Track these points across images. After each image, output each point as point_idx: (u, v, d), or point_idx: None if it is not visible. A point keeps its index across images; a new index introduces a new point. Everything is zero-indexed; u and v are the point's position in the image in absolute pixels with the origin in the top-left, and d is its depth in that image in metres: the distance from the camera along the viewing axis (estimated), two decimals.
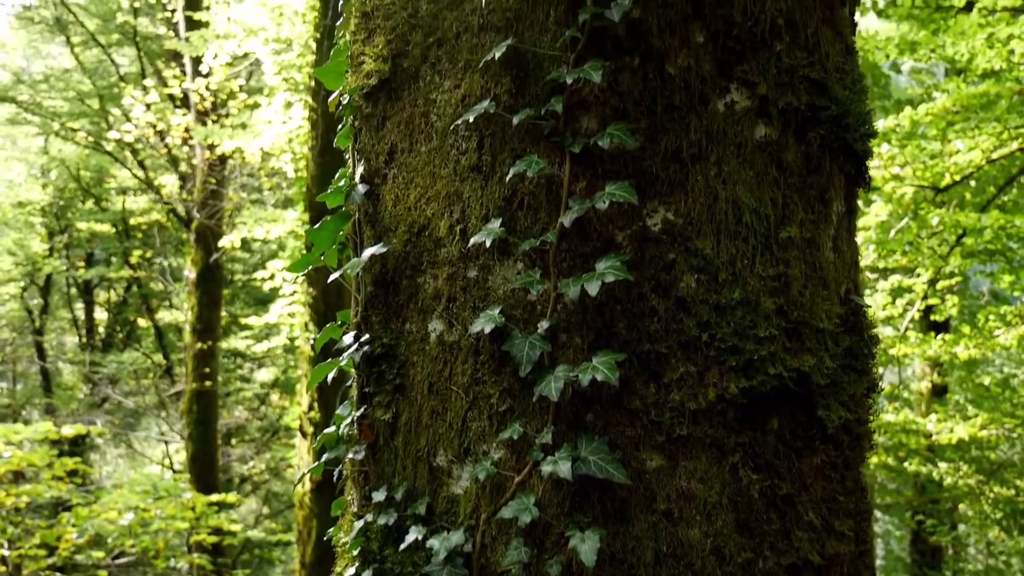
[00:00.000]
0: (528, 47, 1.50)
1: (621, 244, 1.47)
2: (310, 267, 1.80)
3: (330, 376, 1.75)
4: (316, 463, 1.80)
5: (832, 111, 1.56)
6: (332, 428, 1.73)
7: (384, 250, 1.62)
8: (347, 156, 1.78)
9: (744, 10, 1.50)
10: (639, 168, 1.47)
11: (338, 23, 1.88)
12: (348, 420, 1.69)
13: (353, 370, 1.69)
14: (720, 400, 1.44)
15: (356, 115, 1.73)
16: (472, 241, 1.51)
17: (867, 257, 8.57)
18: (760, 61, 1.51)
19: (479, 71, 1.54)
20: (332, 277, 1.70)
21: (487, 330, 1.48)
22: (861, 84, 1.64)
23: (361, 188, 1.67)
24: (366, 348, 1.65)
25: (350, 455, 1.66)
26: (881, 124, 8.12)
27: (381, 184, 1.67)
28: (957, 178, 8.31)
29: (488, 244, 1.48)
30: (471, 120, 1.50)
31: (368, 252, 1.63)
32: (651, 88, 1.48)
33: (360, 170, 1.71)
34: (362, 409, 1.65)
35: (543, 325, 1.47)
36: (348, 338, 1.70)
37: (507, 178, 1.49)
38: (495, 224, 1.50)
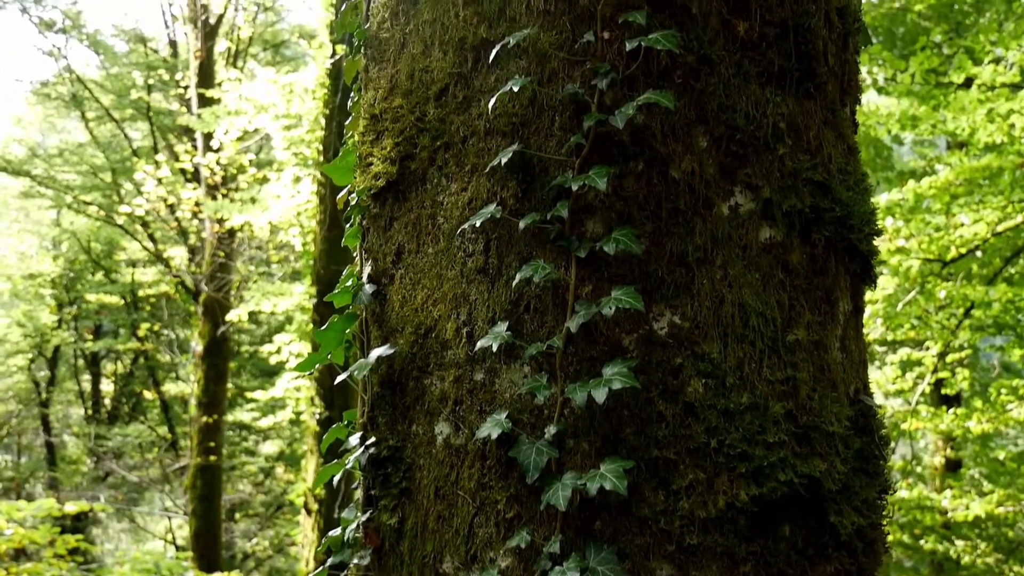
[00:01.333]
0: (534, 152, 1.52)
1: (628, 348, 1.46)
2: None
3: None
4: (321, 559, 1.77)
5: (836, 212, 1.56)
6: (337, 531, 1.70)
7: (391, 351, 1.62)
8: (355, 255, 1.78)
9: (746, 115, 1.52)
10: (645, 272, 1.48)
11: (347, 122, 1.91)
12: (354, 524, 1.66)
13: (359, 472, 1.67)
14: (730, 508, 1.41)
15: (364, 215, 1.74)
16: (479, 345, 1.50)
17: (875, 331, 8.54)
18: (763, 165, 1.53)
19: (486, 175, 1.55)
20: (339, 379, 1.69)
21: (494, 435, 1.46)
22: (865, 184, 1.65)
23: (368, 288, 1.68)
24: (372, 450, 1.63)
25: (355, 560, 1.63)
26: (885, 197, 8.18)
27: (388, 284, 1.67)
28: (963, 251, 8.32)
29: (495, 348, 1.47)
30: (477, 224, 1.51)
31: (375, 353, 1.63)
32: (656, 192, 1.49)
33: (368, 270, 1.72)
34: (368, 513, 1.62)
35: (550, 430, 1.45)
36: (354, 439, 1.69)
37: (513, 282, 1.49)
38: (501, 327, 1.49)
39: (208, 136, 12.07)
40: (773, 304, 1.50)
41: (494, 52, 1.54)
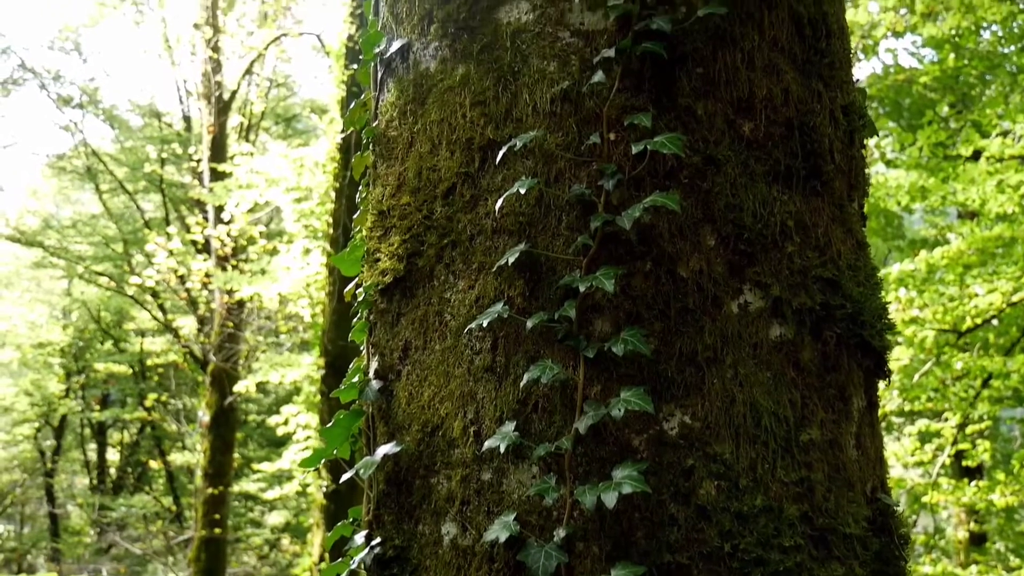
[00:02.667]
0: (541, 252, 1.52)
1: (638, 449, 1.44)
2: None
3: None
4: None
5: (847, 309, 1.55)
6: None
7: (397, 449, 1.60)
8: (362, 350, 1.78)
9: (754, 214, 1.52)
10: (654, 371, 1.46)
11: (355, 216, 1.92)
12: None
13: (364, 572, 1.64)
14: None
15: (371, 310, 1.74)
16: (486, 445, 1.48)
17: (892, 402, 8.45)
18: (772, 263, 1.52)
19: (493, 273, 1.55)
20: (345, 476, 1.67)
21: (502, 538, 1.43)
22: (875, 278, 1.64)
23: (375, 384, 1.67)
24: (377, 550, 1.60)
25: None
26: (896, 268, 8.17)
27: (395, 381, 1.66)
28: (978, 321, 8.26)
29: (502, 448, 1.45)
30: (485, 324, 1.50)
31: (381, 451, 1.61)
32: (664, 291, 1.48)
33: (374, 365, 1.71)
34: None
35: (559, 534, 1.42)
36: (359, 538, 1.65)
37: (521, 382, 1.47)
38: (509, 427, 1.47)
39: (219, 209, 12.21)
40: (785, 403, 1.48)
41: (501, 153, 1.56)
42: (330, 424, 1.68)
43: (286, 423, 10.83)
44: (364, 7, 2.15)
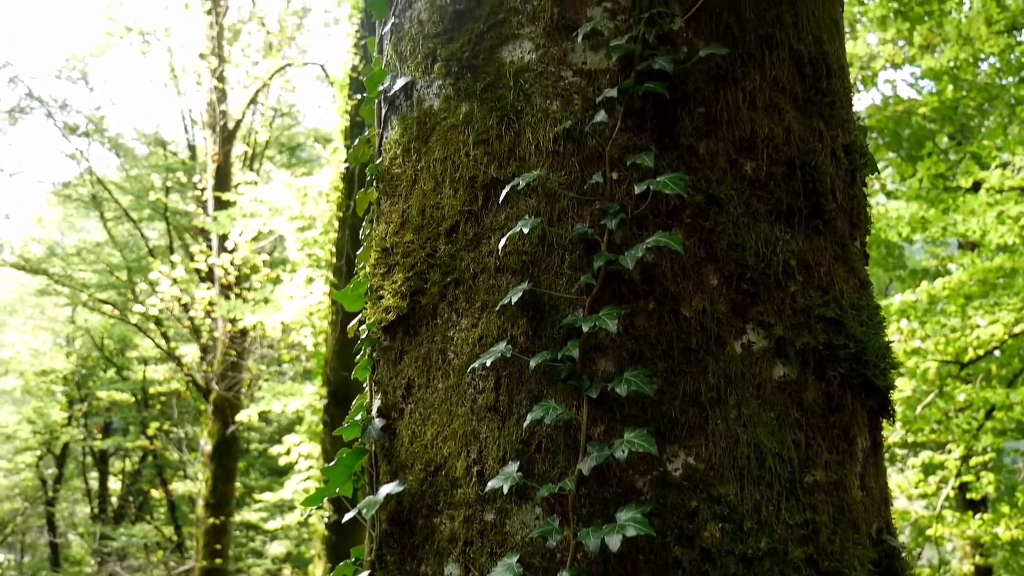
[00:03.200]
0: (544, 291, 1.52)
1: (642, 491, 1.43)
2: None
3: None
4: None
5: (850, 349, 1.55)
6: None
7: (400, 489, 1.59)
8: (365, 387, 1.77)
9: (756, 253, 1.52)
10: (658, 411, 1.45)
11: (359, 252, 1.93)
12: None
13: None
14: None
15: (374, 347, 1.73)
16: (489, 485, 1.47)
17: (895, 434, 8.41)
18: (775, 302, 1.52)
19: (496, 312, 1.55)
20: (348, 516, 1.66)
21: None
22: (878, 317, 1.64)
23: (378, 423, 1.66)
24: None
25: None
26: (898, 298, 8.17)
27: (398, 419, 1.65)
28: (980, 352, 8.25)
29: (505, 489, 1.44)
30: (488, 363, 1.50)
31: (384, 491, 1.60)
32: (667, 331, 1.48)
33: (377, 403, 1.70)
34: None
35: None
36: None
37: (525, 423, 1.47)
38: (512, 468, 1.47)
39: (223, 237, 12.25)
40: (789, 444, 1.48)
41: (504, 192, 1.56)
42: (333, 463, 1.67)
43: (288, 453, 10.79)
44: (368, 44, 2.17)
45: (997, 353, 9.28)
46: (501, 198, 1.57)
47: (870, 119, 12.15)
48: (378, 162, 1.83)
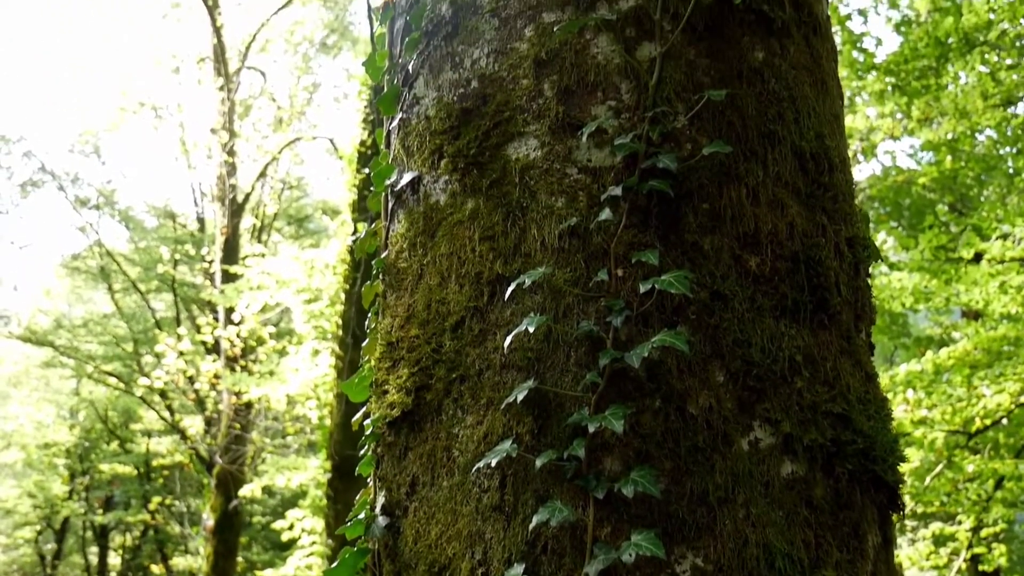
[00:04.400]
0: (549, 388, 1.52)
1: None
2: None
3: None
4: None
5: (859, 444, 1.54)
6: None
7: None
8: (369, 482, 1.76)
9: (762, 349, 1.52)
10: (665, 512, 1.44)
11: (364, 344, 1.93)
12: None
13: None
14: None
15: (378, 443, 1.73)
16: None
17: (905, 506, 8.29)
18: (782, 399, 1.51)
19: (502, 410, 1.54)
20: None
21: None
22: (886, 410, 1.63)
23: (382, 520, 1.64)
24: None
25: None
26: (904, 368, 8.13)
27: (402, 517, 1.63)
28: (987, 422, 8.18)
29: None
30: (493, 463, 1.49)
31: None
32: (673, 429, 1.47)
33: (381, 500, 1.69)
34: None
35: None
36: None
37: (531, 524, 1.45)
38: (518, 570, 1.44)
39: (230, 310, 12.29)
40: (799, 543, 1.45)
41: (510, 290, 1.57)
42: (335, 564, 1.65)
43: (291, 528, 10.64)
44: (376, 135, 2.21)
45: (1004, 422, 9.19)
46: (507, 295, 1.58)
47: (871, 189, 12.27)
48: (384, 255, 1.85)
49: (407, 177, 1.82)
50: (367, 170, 10.51)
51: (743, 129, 1.64)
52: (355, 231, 10.04)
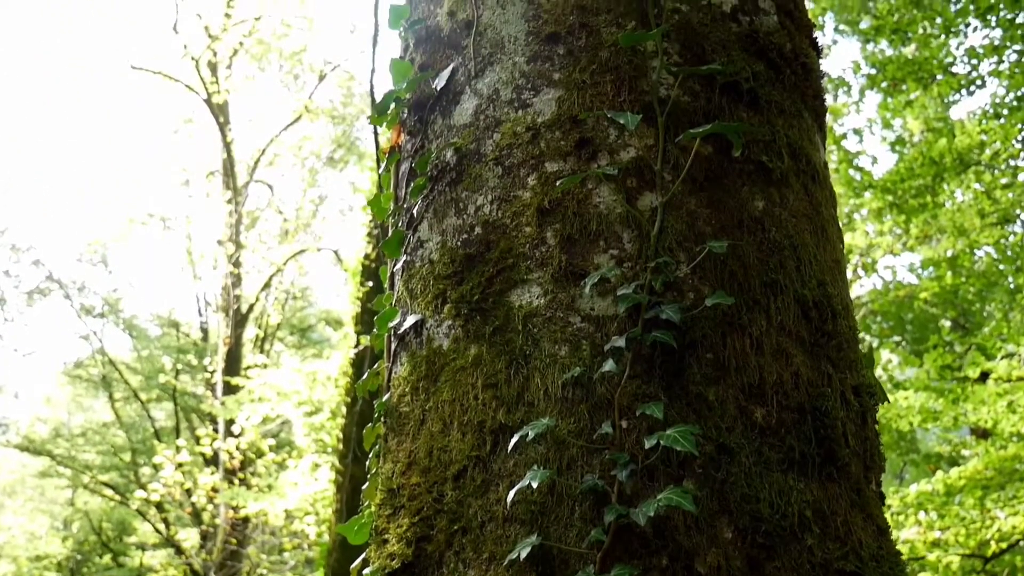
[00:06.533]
0: (553, 543, 1.48)
1: None
2: None
3: None
4: None
5: None
6: None
7: None
8: None
9: (771, 504, 1.49)
10: None
11: (363, 487, 1.90)
12: None
13: None
14: None
15: None
16: None
17: None
18: (792, 556, 1.47)
19: (504, 566, 1.50)
20: None
21: None
22: (900, 566, 1.58)
23: None
24: None
25: None
26: (914, 488, 7.98)
27: None
28: (1003, 546, 7.97)
29: None
30: None
31: None
32: None
33: None
34: None
35: None
36: None
37: None
38: None
39: (230, 421, 12.18)
40: None
41: (513, 441, 1.55)
42: None
43: None
44: (380, 272, 2.23)
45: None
46: (510, 446, 1.56)
47: (873, 303, 12.31)
48: (386, 398, 1.84)
49: (410, 320, 1.82)
50: (370, 283, 10.60)
51: (745, 278, 1.65)
52: (358, 343, 10.05)
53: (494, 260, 1.73)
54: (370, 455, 1.91)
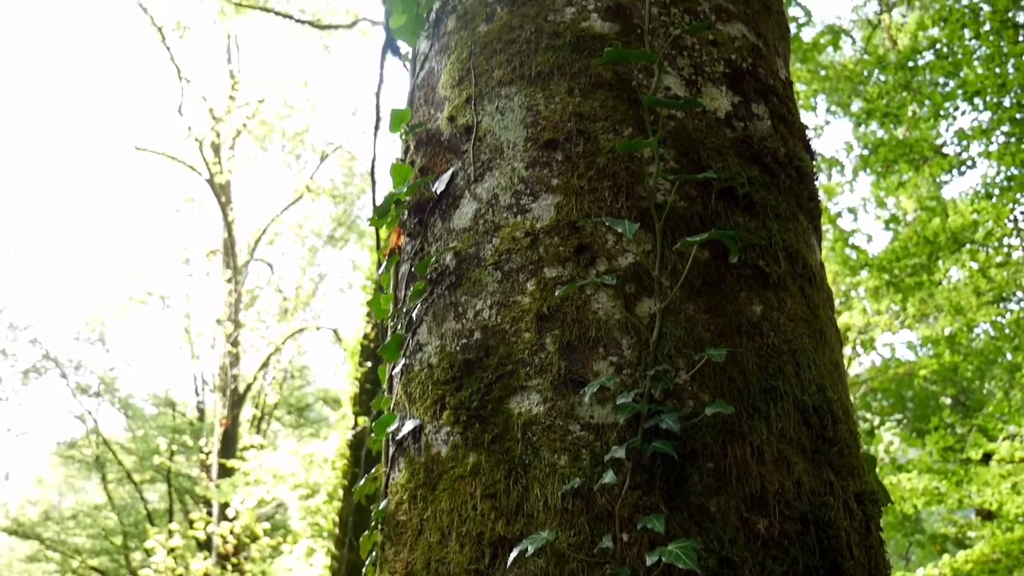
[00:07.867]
0: None
1: None
2: None
3: None
4: None
5: None
6: None
7: None
8: None
9: None
10: None
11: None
12: None
13: None
14: None
15: None
16: None
17: None
18: None
19: None
20: None
21: None
22: None
23: None
24: None
25: None
26: (921, 573, 7.84)
27: None
28: None
29: None
30: None
31: None
32: None
33: None
34: None
35: None
36: None
37: None
38: None
39: (224, 505, 12.00)
40: None
41: (513, 555, 1.53)
42: None
43: None
44: (379, 372, 2.22)
45: None
46: (510, 560, 1.54)
47: (872, 381, 12.27)
48: (384, 505, 1.81)
49: (409, 425, 1.81)
50: (369, 362, 10.57)
51: (744, 385, 1.64)
52: (355, 424, 9.97)
53: (493, 366, 1.72)
54: (367, 563, 1.88)
